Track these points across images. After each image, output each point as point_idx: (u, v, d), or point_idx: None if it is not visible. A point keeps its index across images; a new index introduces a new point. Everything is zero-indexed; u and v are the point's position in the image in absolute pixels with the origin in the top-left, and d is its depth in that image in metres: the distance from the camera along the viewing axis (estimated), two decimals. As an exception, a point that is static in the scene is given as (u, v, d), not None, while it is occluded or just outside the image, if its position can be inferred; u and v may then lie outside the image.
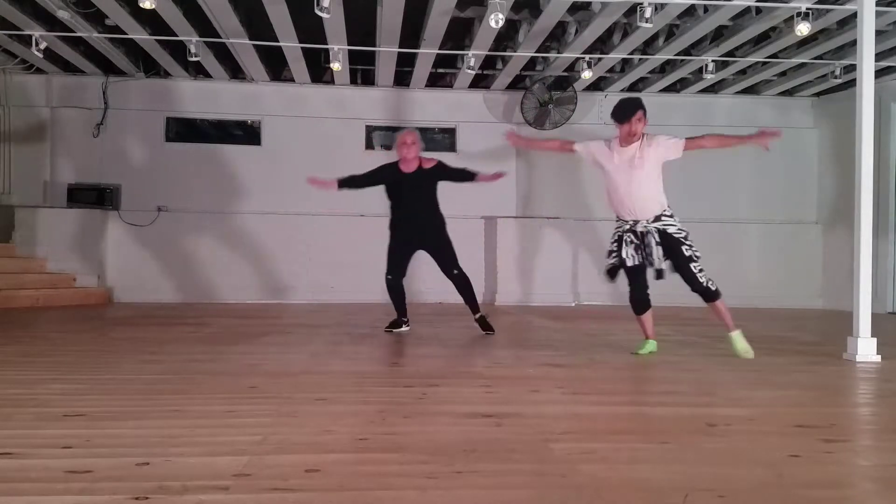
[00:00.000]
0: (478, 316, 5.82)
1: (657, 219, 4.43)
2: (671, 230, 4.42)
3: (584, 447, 2.37)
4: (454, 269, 5.72)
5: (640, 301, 4.65)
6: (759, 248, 10.02)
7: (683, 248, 4.40)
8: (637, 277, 4.58)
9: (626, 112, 4.45)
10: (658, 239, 4.41)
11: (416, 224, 5.68)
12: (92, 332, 5.87)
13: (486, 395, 3.32)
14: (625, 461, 2.24)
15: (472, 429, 2.59)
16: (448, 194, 5.89)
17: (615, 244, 4.61)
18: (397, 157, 5.76)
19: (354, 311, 7.78)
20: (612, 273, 4.68)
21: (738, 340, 4.50)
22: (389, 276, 5.74)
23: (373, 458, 2.23)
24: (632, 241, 4.49)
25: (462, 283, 5.76)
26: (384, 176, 5.76)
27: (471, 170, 5.76)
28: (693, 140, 4.48)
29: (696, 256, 4.41)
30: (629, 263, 4.52)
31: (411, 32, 7.60)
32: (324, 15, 6.31)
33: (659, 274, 4.49)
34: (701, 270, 4.40)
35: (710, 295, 4.45)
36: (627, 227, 4.52)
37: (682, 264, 4.41)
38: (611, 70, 9.03)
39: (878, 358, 4.53)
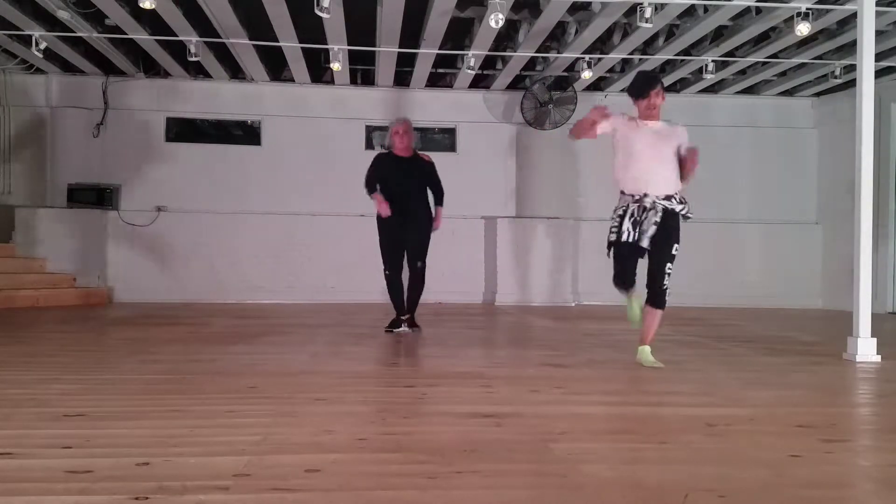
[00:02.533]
0: (409, 317, 5.76)
1: (668, 198, 4.16)
2: (679, 211, 4.18)
3: (584, 447, 2.37)
4: (420, 260, 5.67)
5: (625, 279, 4.31)
6: (759, 248, 10.02)
7: (673, 244, 4.18)
8: (626, 263, 4.27)
9: (644, 87, 4.21)
10: (659, 219, 4.12)
11: (403, 208, 5.56)
12: (92, 332, 5.87)
13: (486, 395, 3.32)
14: (625, 461, 2.24)
15: (472, 429, 2.59)
16: (447, 194, 5.88)
17: (618, 220, 4.24)
18: (391, 146, 5.81)
19: (354, 311, 7.78)
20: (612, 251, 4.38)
21: (647, 354, 4.25)
22: (388, 272, 5.70)
23: (373, 458, 2.23)
24: (632, 216, 4.17)
25: (419, 279, 5.69)
26: (383, 167, 5.70)
27: (442, 199, 5.82)
28: (694, 153, 4.19)
29: (673, 259, 4.18)
30: (623, 238, 4.19)
31: (411, 32, 7.59)
32: (324, 15, 6.31)
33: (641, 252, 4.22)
34: (670, 275, 4.17)
35: (660, 302, 4.19)
36: (633, 200, 4.19)
37: (661, 259, 4.16)
38: (611, 70, 9.03)
39: (878, 358, 4.53)
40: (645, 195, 4.16)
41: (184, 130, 9.76)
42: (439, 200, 5.82)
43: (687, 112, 9.91)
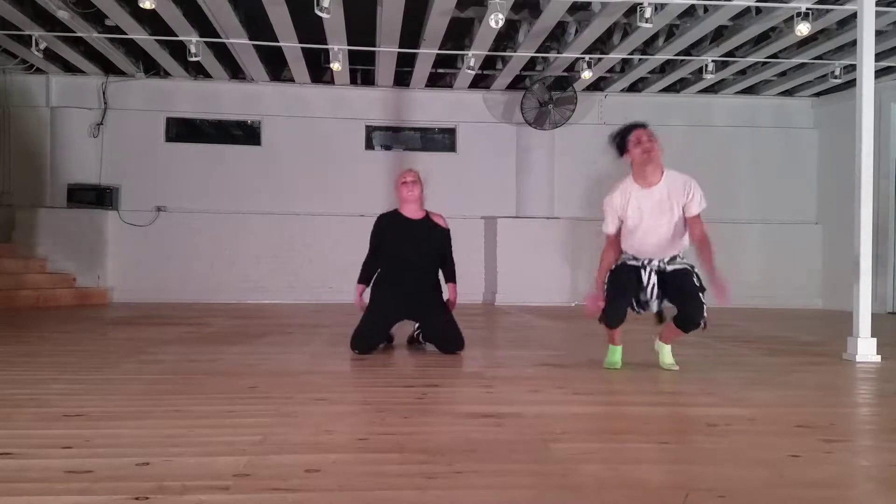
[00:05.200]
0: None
1: (672, 259, 3.96)
2: (678, 267, 3.96)
3: (584, 447, 2.37)
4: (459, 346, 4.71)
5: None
6: (759, 248, 10.03)
7: (693, 278, 3.94)
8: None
9: (622, 139, 3.87)
10: (656, 280, 3.92)
11: (407, 292, 4.66)
12: (92, 332, 5.86)
13: (486, 395, 3.32)
14: (625, 461, 2.23)
15: (472, 429, 2.59)
16: (447, 194, 5.86)
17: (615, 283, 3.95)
18: (398, 199, 4.84)
19: (354, 312, 7.76)
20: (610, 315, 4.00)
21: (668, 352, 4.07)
22: (357, 350, 4.58)
23: (373, 458, 2.23)
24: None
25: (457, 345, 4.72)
26: (386, 228, 4.80)
27: (455, 274, 4.88)
28: (698, 219, 3.92)
29: (704, 287, 3.90)
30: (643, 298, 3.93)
31: (411, 32, 7.60)
32: (324, 15, 6.32)
33: (660, 317, 4.07)
34: (704, 303, 3.87)
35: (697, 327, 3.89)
36: (637, 264, 3.95)
37: (691, 293, 3.87)
38: (611, 70, 9.03)
39: (878, 358, 4.53)
40: (650, 260, 3.94)
41: (183, 130, 9.77)
42: (450, 276, 4.84)
43: (687, 112, 9.97)
